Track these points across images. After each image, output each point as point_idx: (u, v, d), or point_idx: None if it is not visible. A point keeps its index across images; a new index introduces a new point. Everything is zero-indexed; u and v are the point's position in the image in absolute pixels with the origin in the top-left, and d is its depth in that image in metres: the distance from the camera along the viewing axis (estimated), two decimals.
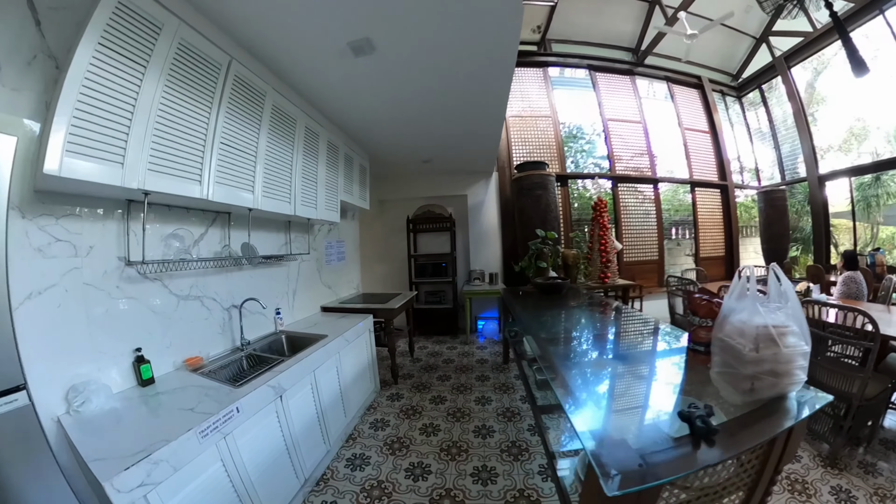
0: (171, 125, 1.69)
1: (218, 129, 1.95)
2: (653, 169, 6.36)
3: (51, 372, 1.52)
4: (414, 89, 2.77)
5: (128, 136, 1.50)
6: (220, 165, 1.96)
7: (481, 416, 3.16)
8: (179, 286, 2.11)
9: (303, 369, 2.25)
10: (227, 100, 2.01)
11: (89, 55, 1.37)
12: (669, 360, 1.77)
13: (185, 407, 1.62)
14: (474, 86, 2.76)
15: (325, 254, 3.92)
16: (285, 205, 2.57)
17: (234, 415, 1.65)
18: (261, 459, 1.85)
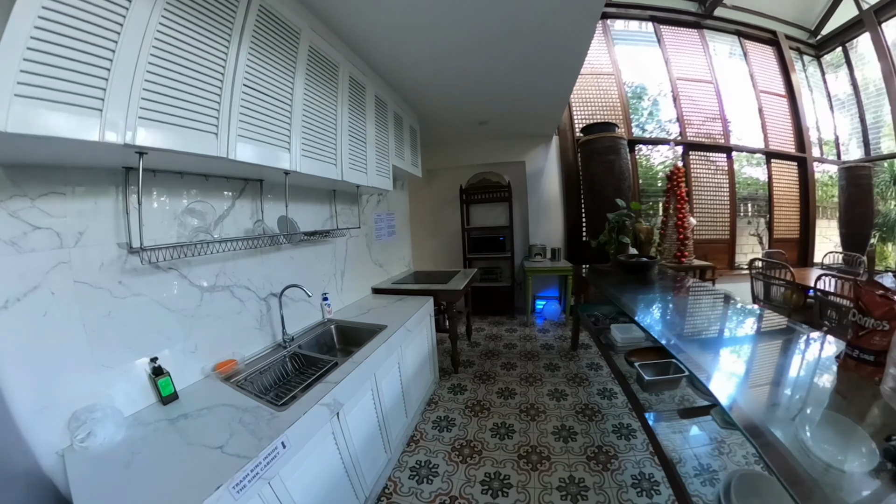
0: (170, 58, 1.17)
1: (239, 68, 1.42)
2: (726, 136, 5.45)
3: (44, 396, 1.16)
4: (478, 25, 2.15)
5: (109, 71, 1.01)
6: (243, 114, 1.44)
7: (558, 415, 2.74)
8: (202, 275, 1.67)
9: (362, 375, 1.79)
10: (251, 34, 1.48)
11: None
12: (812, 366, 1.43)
13: (213, 444, 1.18)
14: (552, 22, 2.16)
15: (374, 228, 3.43)
16: (330, 167, 2.05)
17: (278, 453, 1.20)
18: (315, 491, 1.43)
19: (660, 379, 1.98)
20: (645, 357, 2.26)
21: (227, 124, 1.36)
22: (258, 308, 1.95)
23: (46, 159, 1.14)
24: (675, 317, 2.31)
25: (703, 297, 2.64)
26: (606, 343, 2.85)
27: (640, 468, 2.14)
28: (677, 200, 4.44)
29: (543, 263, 4.83)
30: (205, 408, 1.41)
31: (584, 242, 5.15)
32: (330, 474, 1.54)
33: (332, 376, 1.61)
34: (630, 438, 2.39)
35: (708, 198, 5.39)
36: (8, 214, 1.09)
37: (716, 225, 5.40)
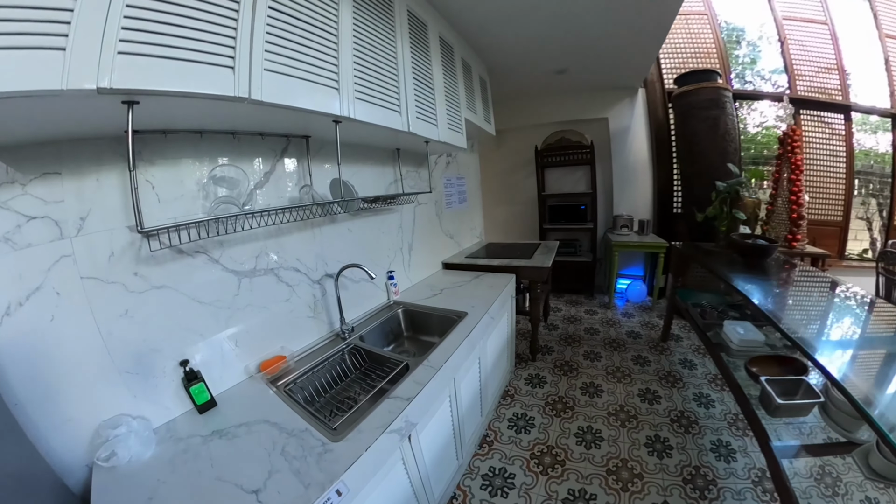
0: None
1: None
2: (844, 91, 4.21)
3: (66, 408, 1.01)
4: None
5: None
6: (271, 42, 1.03)
7: (651, 422, 2.32)
8: (238, 256, 1.35)
9: (441, 383, 1.43)
10: None
11: None
12: None
13: (247, 485, 0.91)
14: None
15: (444, 194, 3.00)
16: (393, 115, 1.59)
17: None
18: None
19: (795, 403, 1.54)
20: (765, 367, 1.89)
21: (249, 53, 0.97)
22: (310, 293, 1.62)
23: (27, 134, 0.88)
24: (810, 318, 1.79)
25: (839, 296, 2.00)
26: (717, 343, 2.33)
27: (741, 500, 1.73)
28: (792, 170, 3.55)
29: (630, 237, 4.19)
30: (243, 423, 1.13)
31: (677, 215, 4.39)
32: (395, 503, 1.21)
33: (402, 388, 1.25)
34: (730, 461, 1.97)
35: (820, 169, 4.28)
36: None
37: (827, 203, 4.29)
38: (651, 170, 4.50)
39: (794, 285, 2.29)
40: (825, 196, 4.30)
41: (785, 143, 3.67)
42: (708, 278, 3.10)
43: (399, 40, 1.68)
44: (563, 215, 4.61)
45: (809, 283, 2.33)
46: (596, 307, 4.26)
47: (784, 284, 2.28)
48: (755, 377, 1.78)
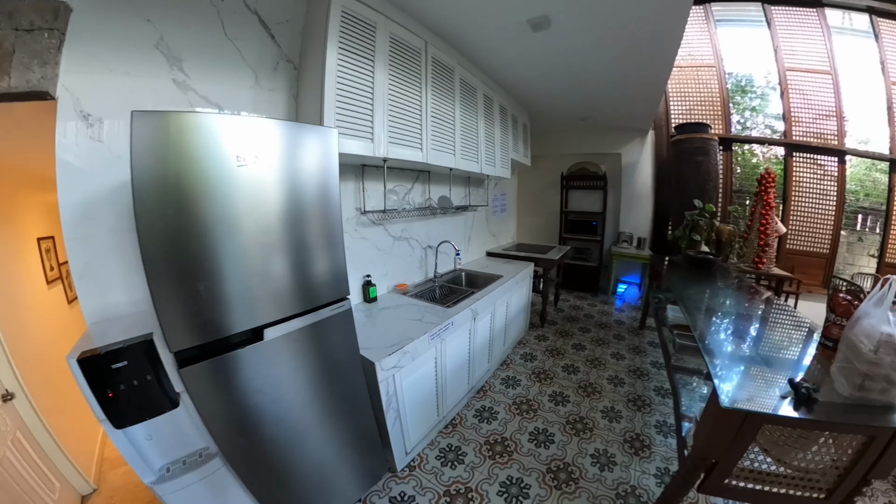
0: (397, 105, 2.16)
1: (428, 105, 2.38)
2: (840, 137, 4.77)
3: None
4: (583, 54, 2.77)
5: (372, 117, 2.00)
6: (433, 135, 2.41)
7: (615, 369, 3.38)
8: (395, 230, 2.71)
9: (490, 300, 2.76)
10: (430, 79, 2.42)
11: (335, 57, 1.78)
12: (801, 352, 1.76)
13: (414, 318, 2.20)
14: (643, 36, 2.53)
15: (492, 205, 4.32)
16: (474, 164, 3.00)
17: (450, 326, 2.20)
18: (454, 363, 2.41)
19: (688, 344, 2.49)
20: (685, 331, 2.60)
21: (426, 141, 2.32)
22: (421, 254, 3.00)
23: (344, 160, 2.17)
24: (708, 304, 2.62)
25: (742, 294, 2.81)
26: (661, 319, 3.33)
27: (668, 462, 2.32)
28: (764, 205, 4.28)
29: (628, 250, 5.29)
30: (398, 305, 2.45)
31: (667, 235, 5.14)
32: (461, 356, 2.51)
33: (473, 297, 2.59)
34: (665, 397, 2.90)
35: (809, 205, 4.96)
36: None
37: (814, 236, 4.97)
38: (653, 197, 5.51)
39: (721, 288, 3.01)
40: (813, 229, 4.94)
41: (760, 182, 4.29)
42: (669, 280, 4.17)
43: (479, 118, 3.03)
44: (578, 228, 5.80)
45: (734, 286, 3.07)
46: (597, 302, 5.35)
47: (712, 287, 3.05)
48: (671, 331, 2.93)
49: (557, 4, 2.14)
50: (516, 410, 2.71)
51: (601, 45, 2.63)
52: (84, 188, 1.32)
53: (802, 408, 1.11)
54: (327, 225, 1.50)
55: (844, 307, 1.55)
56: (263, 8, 1.82)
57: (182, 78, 1.56)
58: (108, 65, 1.36)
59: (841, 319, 1.51)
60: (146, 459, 1.32)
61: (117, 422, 1.21)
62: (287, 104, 1.99)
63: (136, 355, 1.22)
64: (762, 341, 1.91)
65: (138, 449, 1.29)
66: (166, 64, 1.51)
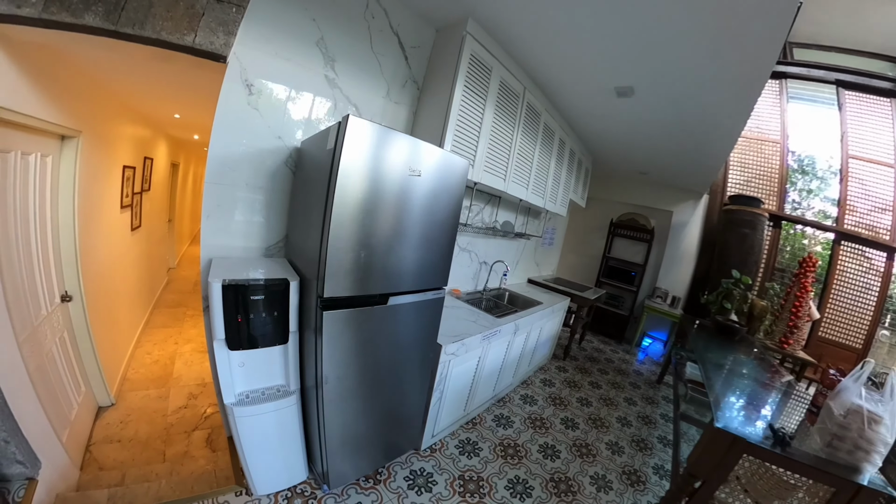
0: (495, 139, 2.59)
1: (516, 142, 2.79)
2: (893, 233, 4.67)
3: None
4: (655, 119, 3.09)
5: (476, 146, 2.43)
6: (515, 168, 2.81)
7: (625, 411, 3.60)
8: (462, 241, 3.13)
9: (530, 320, 3.10)
10: (523, 121, 2.84)
11: (460, 92, 2.23)
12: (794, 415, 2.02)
13: (470, 319, 2.59)
14: (713, 113, 2.78)
15: (543, 237, 4.67)
16: (539, 199, 3.42)
17: (497, 333, 2.57)
18: (490, 367, 2.76)
19: (699, 397, 2.83)
20: (699, 387, 3.01)
21: (508, 173, 2.73)
22: (477, 267, 3.40)
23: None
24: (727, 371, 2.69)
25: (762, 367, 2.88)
26: (679, 373, 3.60)
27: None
28: (800, 288, 4.24)
29: (661, 306, 5.42)
30: (454, 306, 2.83)
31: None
32: (495, 364, 2.85)
33: (518, 314, 2.96)
34: (667, 447, 3.07)
35: (849, 296, 4.85)
36: None
37: (848, 328, 4.86)
38: (695, 259, 5.60)
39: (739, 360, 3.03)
40: (848, 322, 4.82)
41: (802, 265, 4.25)
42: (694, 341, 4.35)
43: (552, 159, 3.42)
44: (617, 275, 6.01)
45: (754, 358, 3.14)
46: (620, 350, 5.51)
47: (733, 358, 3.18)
48: (686, 385, 3.18)
49: (645, 79, 2.48)
50: (530, 424, 3.01)
51: (675, 113, 2.91)
52: (233, 144, 1.70)
53: (778, 447, 1.42)
54: (447, 232, 1.95)
55: (830, 381, 1.88)
56: (403, 32, 2.25)
57: (332, 76, 1.98)
58: (275, 48, 1.74)
59: (826, 391, 1.75)
60: (233, 383, 1.62)
61: (234, 344, 1.56)
62: (407, 119, 2.43)
63: (273, 293, 1.63)
64: (764, 403, 2.15)
65: (230, 372, 1.60)
66: (322, 60, 1.92)
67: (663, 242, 5.79)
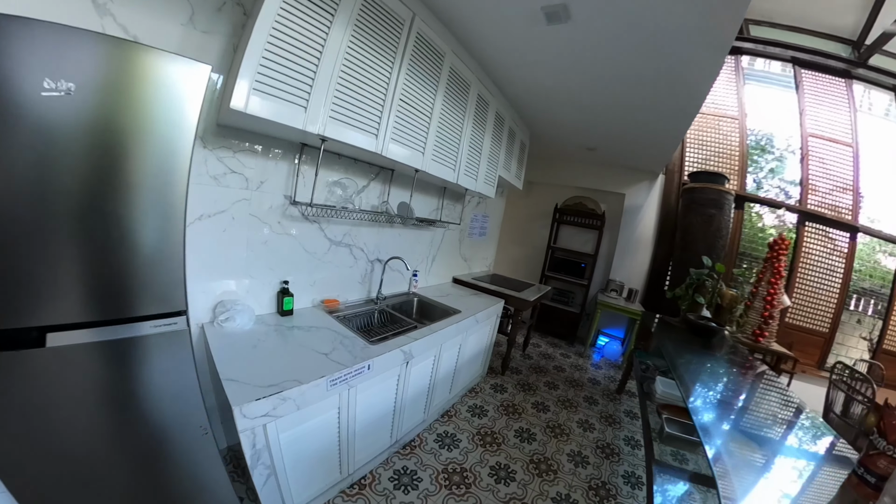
0: (354, 76, 1.69)
1: (398, 85, 1.91)
2: (855, 212, 4.64)
3: (206, 284, 1.71)
4: (604, 69, 2.38)
5: (313, 82, 1.53)
6: (397, 122, 1.94)
7: (580, 442, 2.90)
8: (334, 232, 2.20)
9: (434, 341, 2.22)
10: (409, 57, 1.96)
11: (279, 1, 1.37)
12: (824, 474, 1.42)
13: (321, 350, 1.68)
14: (674, 74, 2.29)
15: (469, 226, 3.86)
16: (449, 171, 2.52)
17: (364, 371, 1.67)
18: (370, 414, 1.88)
19: (679, 435, 2.08)
20: (674, 413, 2.33)
21: (385, 129, 1.85)
22: (365, 267, 2.49)
23: (253, 128, 1.65)
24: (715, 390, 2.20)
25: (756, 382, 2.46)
26: (647, 391, 2.90)
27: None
28: (773, 274, 4.01)
29: (617, 301, 4.80)
30: (313, 326, 1.93)
31: (664, 292, 4.88)
32: (384, 407, 1.99)
33: (412, 334, 2.06)
34: (636, 488, 2.46)
35: (814, 279, 4.71)
36: (216, 158, 1.62)
37: (815, 313, 4.71)
38: (652, 247, 5.11)
39: (721, 363, 2.69)
40: (815, 306, 4.69)
41: (773, 248, 4.01)
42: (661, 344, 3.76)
43: (466, 118, 2.57)
44: (564, 268, 5.34)
45: (738, 366, 2.72)
46: (572, 353, 4.86)
47: (714, 361, 2.70)
48: (660, 414, 2.45)
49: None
50: (445, 481, 2.17)
51: (626, 58, 2.21)
52: None
53: None
54: (161, 206, 1.04)
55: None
56: None
57: None
58: None
59: (893, 449, 1.15)
60: None
61: None
62: (222, 53, 1.54)
63: None
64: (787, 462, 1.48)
65: None
66: None
67: (616, 229, 5.23)
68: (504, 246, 5.58)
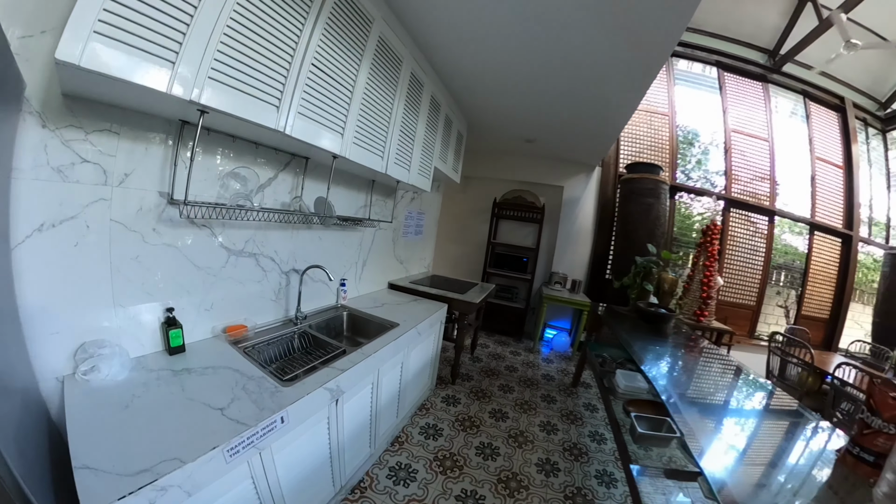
0: (247, 27, 1.24)
1: (311, 47, 1.48)
2: (772, 198, 5.31)
3: (58, 322, 1.19)
4: (549, 50, 2.18)
5: (188, 27, 1.07)
6: (306, 93, 1.50)
7: (546, 448, 2.72)
8: (233, 238, 1.72)
9: (368, 367, 1.82)
10: (328, 15, 1.54)
11: None
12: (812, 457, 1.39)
13: (215, 404, 1.21)
14: (620, 63, 2.21)
15: (403, 224, 3.48)
16: (377, 159, 2.11)
17: (276, 427, 1.23)
18: (299, 471, 1.46)
19: (652, 434, 2.00)
20: (643, 409, 2.29)
21: (290, 100, 1.42)
22: (278, 281, 2.01)
23: (110, 97, 1.17)
24: (682, 376, 2.28)
25: (714, 363, 2.60)
26: (608, 387, 2.84)
27: None
28: (708, 257, 4.32)
29: (561, 293, 4.78)
30: (210, 367, 1.45)
31: (606, 280, 5.08)
32: (316, 457, 1.57)
33: (339, 363, 1.63)
34: (611, 487, 2.38)
35: (740, 259, 5.23)
36: (61, 143, 1.13)
37: (743, 289, 5.24)
38: (592, 238, 5.20)
39: (679, 349, 2.76)
40: (743, 282, 5.19)
41: (706, 233, 4.32)
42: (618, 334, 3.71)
43: (397, 98, 2.19)
44: (506, 263, 5.18)
45: (695, 349, 2.84)
46: (521, 350, 4.73)
47: (673, 347, 2.75)
48: (628, 412, 2.30)
49: None
50: None
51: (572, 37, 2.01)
52: None
53: None
54: None
55: (894, 408, 1.14)
56: None
57: None
58: None
59: (889, 426, 1.13)
60: None
61: None
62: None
63: None
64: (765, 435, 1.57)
65: None
66: None
67: (555, 221, 5.23)
68: (442, 245, 5.28)
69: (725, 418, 1.69)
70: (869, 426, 1.17)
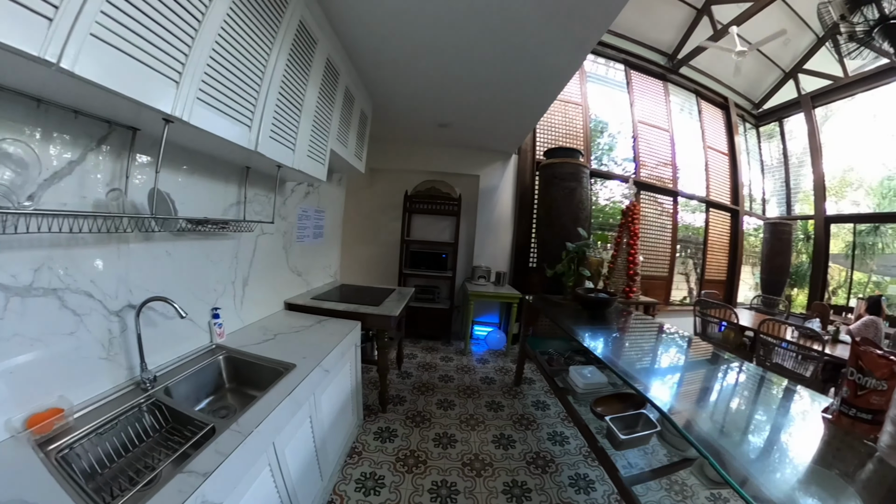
0: None
1: None
2: (674, 181, 6.24)
3: None
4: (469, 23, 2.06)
5: None
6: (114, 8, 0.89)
7: (508, 468, 2.45)
8: (10, 265, 1.04)
9: (254, 449, 1.23)
10: None
11: None
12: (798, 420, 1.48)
13: None
14: (545, 43, 2.22)
15: (297, 226, 2.85)
16: (241, 129, 1.46)
17: None
18: None
19: (636, 436, 1.88)
20: (609, 406, 2.23)
21: (78, 10, 0.81)
22: (105, 326, 1.32)
23: None
24: (645, 358, 2.29)
25: (664, 336, 2.70)
26: (563, 387, 2.70)
27: None
28: (631, 236, 4.65)
29: (487, 287, 4.59)
30: None
31: (531, 269, 5.10)
32: None
33: (200, 460, 1.03)
34: (590, 492, 2.27)
35: (652, 236, 5.94)
36: None
37: (657, 262, 6.00)
38: (512, 227, 5.16)
39: (629, 331, 2.85)
40: (655, 257, 5.95)
41: (627, 214, 4.81)
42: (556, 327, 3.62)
43: (276, 47, 1.61)
44: (424, 262, 4.83)
45: (642, 327, 2.98)
46: (452, 353, 4.47)
47: (621, 331, 2.78)
48: (601, 417, 2.06)
49: None
50: None
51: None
52: None
53: None
54: None
55: (884, 367, 1.21)
56: None
57: None
58: None
59: (881, 384, 1.21)
60: None
61: None
62: None
63: None
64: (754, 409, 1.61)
65: None
66: None
67: (473, 212, 5.10)
68: (349, 247, 4.71)
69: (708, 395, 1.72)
70: (863, 387, 1.25)
